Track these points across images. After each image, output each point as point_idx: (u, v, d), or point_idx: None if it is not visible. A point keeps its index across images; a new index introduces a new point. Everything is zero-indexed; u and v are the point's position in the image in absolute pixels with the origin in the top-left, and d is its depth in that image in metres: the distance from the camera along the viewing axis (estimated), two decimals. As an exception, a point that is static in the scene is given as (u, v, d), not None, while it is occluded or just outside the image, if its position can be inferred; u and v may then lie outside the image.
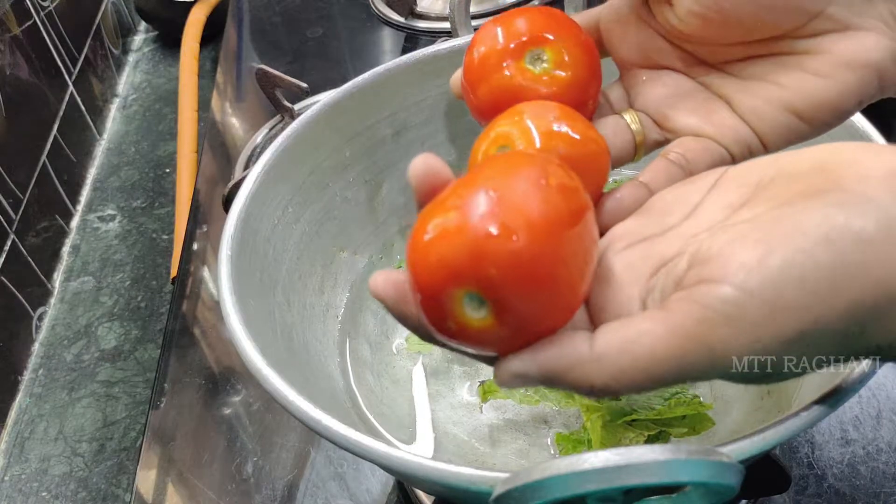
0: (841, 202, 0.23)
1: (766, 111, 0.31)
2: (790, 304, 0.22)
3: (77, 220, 0.86)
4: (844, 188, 0.23)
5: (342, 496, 0.49)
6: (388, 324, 0.51)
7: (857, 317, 0.23)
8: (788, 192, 0.24)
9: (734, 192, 0.27)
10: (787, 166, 0.25)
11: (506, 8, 0.88)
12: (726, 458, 0.23)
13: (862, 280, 0.22)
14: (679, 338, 0.23)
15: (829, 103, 0.30)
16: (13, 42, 0.81)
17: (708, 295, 0.23)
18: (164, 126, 0.98)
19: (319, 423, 0.32)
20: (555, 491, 0.23)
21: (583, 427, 0.44)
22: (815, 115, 0.31)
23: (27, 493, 0.61)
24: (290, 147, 0.46)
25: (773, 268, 0.22)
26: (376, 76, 0.50)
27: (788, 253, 0.22)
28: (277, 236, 0.46)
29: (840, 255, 0.22)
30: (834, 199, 0.23)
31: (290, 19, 0.99)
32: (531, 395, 0.45)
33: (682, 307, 0.24)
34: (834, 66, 0.30)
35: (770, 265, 0.22)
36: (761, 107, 0.31)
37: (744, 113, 0.32)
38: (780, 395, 0.43)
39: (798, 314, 0.22)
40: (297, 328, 0.45)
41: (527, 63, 0.33)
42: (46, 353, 0.72)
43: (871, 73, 0.30)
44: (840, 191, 0.23)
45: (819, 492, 0.45)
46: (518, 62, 0.33)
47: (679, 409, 0.42)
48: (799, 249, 0.22)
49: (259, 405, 0.55)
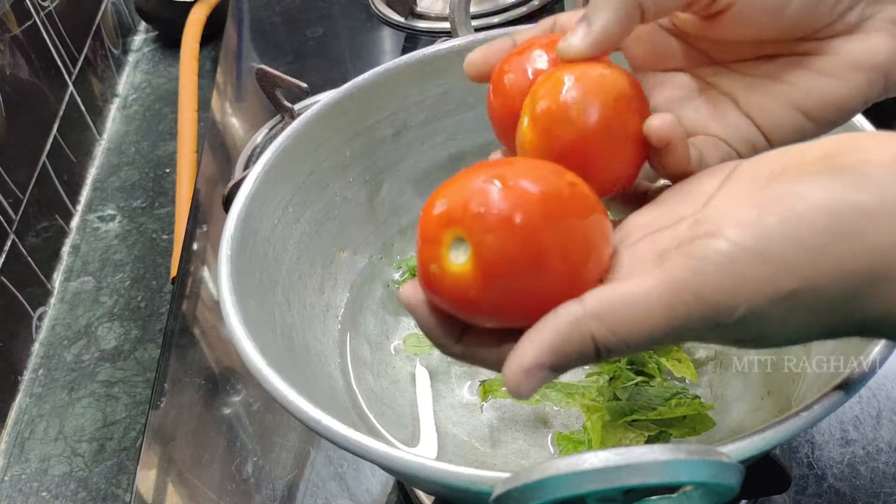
0: (842, 179, 0.23)
1: (773, 108, 0.32)
2: (783, 260, 0.23)
3: (77, 220, 0.86)
4: (847, 169, 0.23)
5: (342, 496, 0.49)
6: (388, 324, 0.51)
7: (852, 281, 0.23)
8: (794, 176, 0.25)
9: (747, 184, 0.27)
10: (794, 157, 0.26)
11: (506, 8, 0.88)
12: (726, 458, 0.23)
13: (858, 245, 0.22)
14: (671, 286, 0.23)
15: (836, 102, 0.31)
16: (13, 42, 0.81)
17: (702, 247, 0.23)
18: (164, 126, 0.98)
19: (319, 423, 0.32)
20: (555, 491, 0.23)
21: (583, 427, 0.44)
22: (822, 113, 0.31)
23: (27, 493, 0.61)
24: (290, 147, 0.46)
25: (769, 225, 0.23)
26: (376, 76, 0.50)
27: (785, 212, 0.23)
28: (277, 236, 0.46)
29: (837, 219, 0.22)
30: (836, 176, 0.23)
31: (290, 19, 0.99)
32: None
33: (676, 261, 0.24)
34: (842, 67, 0.30)
35: (766, 223, 0.23)
36: (768, 104, 0.32)
37: (750, 110, 0.32)
38: (780, 395, 0.43)
39: (791, 271, 0.23)
40: (297, 328, 0.45)
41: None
42: (46, 353, 0.72)
43: (878, 74, 0.30)
44: (842, 171, 0.23)
45: (819, 492, 0.45)
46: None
47: (679, 410, 0.42)
48: (796, 211, 0.23)
49: (259, 405, 0.55)
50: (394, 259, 0.54)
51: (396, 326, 0.51)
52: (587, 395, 0.45)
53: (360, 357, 0.49)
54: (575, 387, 0.45)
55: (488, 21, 0.87)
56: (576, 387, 0.45)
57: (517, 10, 0.88)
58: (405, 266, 0.53)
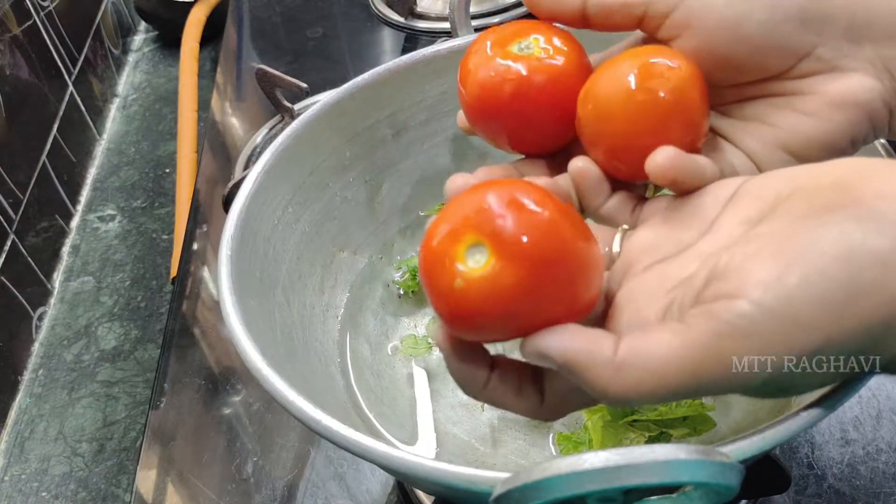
0: (859, 218, 0.23)
1: (761, 150, 0.32)
2: (806, 321, 0.23)
3: (77, 220, 0.86)
4: (862, 204, 0.23)
5: (342, 496, 0.49)
6: (388, 324, 0.51)
7: (872, 333, 0.23)
8: (806, 208, 0.25)
9: (752, 207, 0.27)
10: (806, 182, 0.26)
11: (506, 8, 0.88)
12: (726, 458, 0.23)
13: (877, 297, 0.22)
14: (696, 351, 0.24)
15: (820, 141, 0.31)
16: (13, 42, 0.81)
17: (725, 310, 0.23)
18: (164, 126, 0.98)
19: (319, 423, 0.32)
20: (555, 491, 0.23)
21: (583, 427, 0.44)
22: (809, 153, 0.31)
23: (27, 493, 0.61)
24: (290, 147, 0.46)
25: (791, 285, 0.23)
26: (376, 76, 0.50)
27: (806, 270, 0.23)
28: (277, 236, 0.46)
29: (857, 272, 0.22)
30: (852, 215, 0.23)
31: (290, 19, 0.99)
32: None
33: (699, 322, 0.24)
34: (823, 106, 0.31)
35: (787, 283, 0.23)
36: (755, 145, 0.32)
37: (744, 151, 0.33)
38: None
39: (814, 332, 0.23)
40: (297, 328, 0.45)
41: (514, 50, 0.33)
42: (46, 353, 0.72)
43: (860, 113, 0.30)
44: (857, 207, 0.23)
45: (819, 492, 0.45)
46: (505, 48, 0.33)
47: (680, 410, 0.42)
48: (816, 267, 0.23)
49: (259, 405, 0.55)
50: (394, 259, 0.54)
51: (396, 326, 0.51)
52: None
53: (360, 357, 0.49)
54: None
55: (488, 21, 0.87)
56: None
57: (517, 10, 0.88)
58: (405, 266, 0.53)
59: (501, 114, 0.34)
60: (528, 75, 0.33)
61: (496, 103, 0.34)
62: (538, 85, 0.33)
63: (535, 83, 0.33)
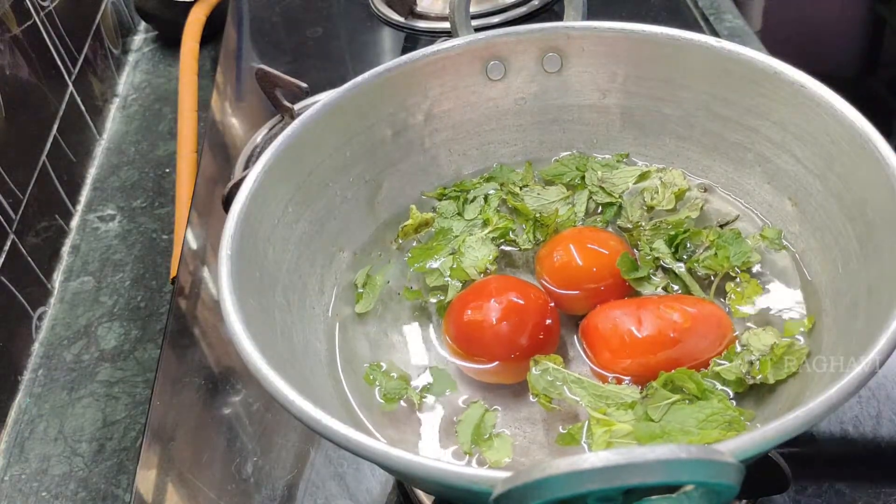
0: None
1: None
2: None
3: (77, 220, 0.86)
4: None
5: (342, 496, 0.49)
6: (388, 323, 0.51)
7: None
8: None
9: None
10: None
11: (506, 8, 0.88)
12: (726, 457, 0.23)
13: None
14: None
15: None
16: (13, 42, 0.81)
17: None
18: (164, 126, 0.98)
19: (319, 423, 0.32)
20: (555, 491, 0.23)
21: (586, 433, 0.42)
22: None
23: (27, 493, 0.61)
24: (290, 147, 0.46)
25: None
26: (376, 76, 0.50)
27: None
28: (277, 236, 0.46)
29: None
30: None
31: (290, 19, 0.99)
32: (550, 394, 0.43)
33: None
34: None
35: None
36: None
37: None
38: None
39: None
40: (297, 328, 0.45)
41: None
42: (46, 353, 0.72)
43: None
44: None
45: (819, 492, 0.45)
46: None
47: (713, 435, 0.39)
48: None
49: (259, 405, 0.55)
50: (394, 259, 0.54)
51: (396, 325, 0.51)
52: (616, 403, 0.42)
53: (360, 357, 0.49)
54: (603, 388, 0.43)
55: (488, 21, 0.87)
56: (604, 389, 0.43)
57: (517, 9, 0.88)
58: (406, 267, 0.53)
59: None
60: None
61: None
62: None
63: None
